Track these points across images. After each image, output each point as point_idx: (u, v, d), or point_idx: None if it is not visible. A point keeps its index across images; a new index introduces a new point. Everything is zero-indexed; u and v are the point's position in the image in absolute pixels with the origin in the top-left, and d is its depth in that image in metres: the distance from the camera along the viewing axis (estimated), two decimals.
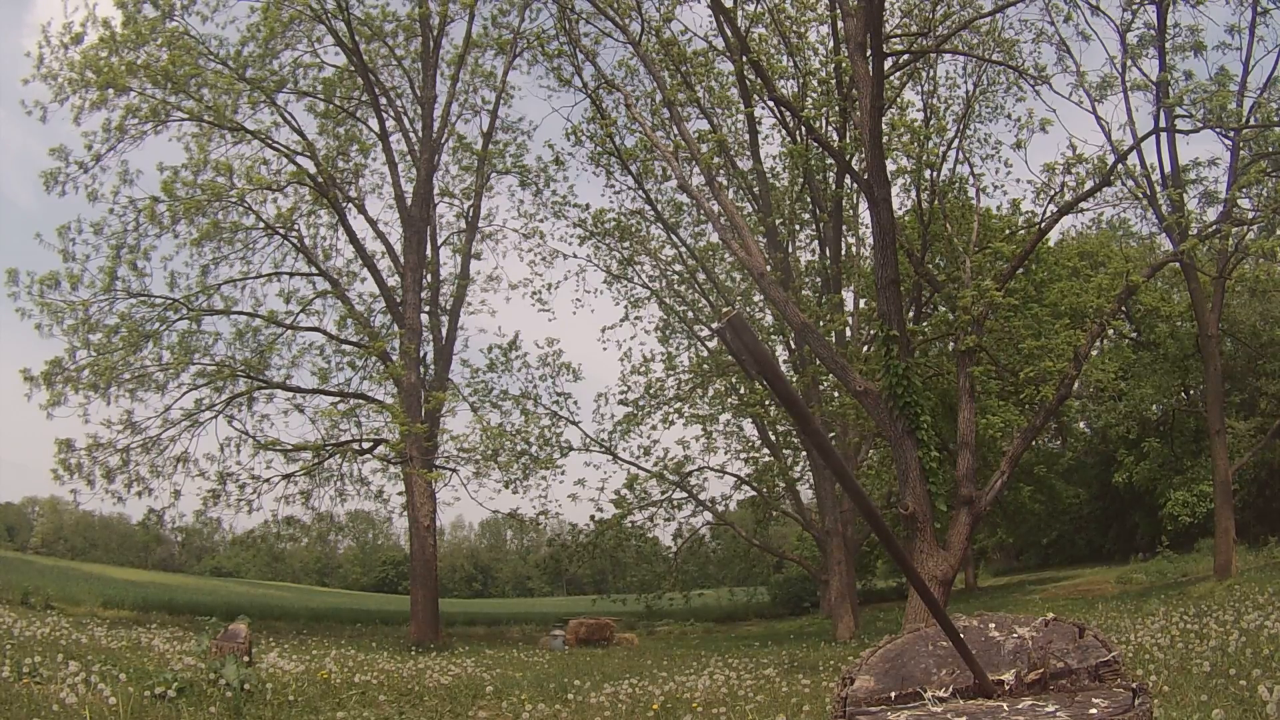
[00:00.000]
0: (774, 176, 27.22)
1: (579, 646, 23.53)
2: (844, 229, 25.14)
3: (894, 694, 2.60)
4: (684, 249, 28.52)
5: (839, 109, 19.70)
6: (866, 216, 22.76)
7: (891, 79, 18.27)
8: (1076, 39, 28.94)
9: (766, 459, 29.28)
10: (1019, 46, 20.19)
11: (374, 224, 26.17)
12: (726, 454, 37.26)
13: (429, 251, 26.27)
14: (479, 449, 25.19)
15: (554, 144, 35.21)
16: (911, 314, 22.50)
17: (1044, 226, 17.50)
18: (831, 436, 24.14)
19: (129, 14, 22.04)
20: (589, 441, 28.28)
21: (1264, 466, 29.01)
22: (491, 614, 39.60)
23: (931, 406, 19.25)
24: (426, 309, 25.89)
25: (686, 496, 28.67)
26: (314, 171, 23.44)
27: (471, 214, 27.58)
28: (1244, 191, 19.93)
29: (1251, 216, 20.33)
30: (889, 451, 18.17)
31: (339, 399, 25.23)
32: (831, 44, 22.10)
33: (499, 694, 10.38)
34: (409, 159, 26.27)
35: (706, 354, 28.48)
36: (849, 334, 23.61)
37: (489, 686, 10.99)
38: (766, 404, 24.87)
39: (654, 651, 20.84)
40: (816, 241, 27.16)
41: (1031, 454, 31.47)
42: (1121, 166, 17.52)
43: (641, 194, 27.35)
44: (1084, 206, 17.89)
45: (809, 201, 25.82)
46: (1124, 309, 26.74)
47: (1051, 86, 19.02)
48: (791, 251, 26.73)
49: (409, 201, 25.39)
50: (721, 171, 23.17)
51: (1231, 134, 19.68)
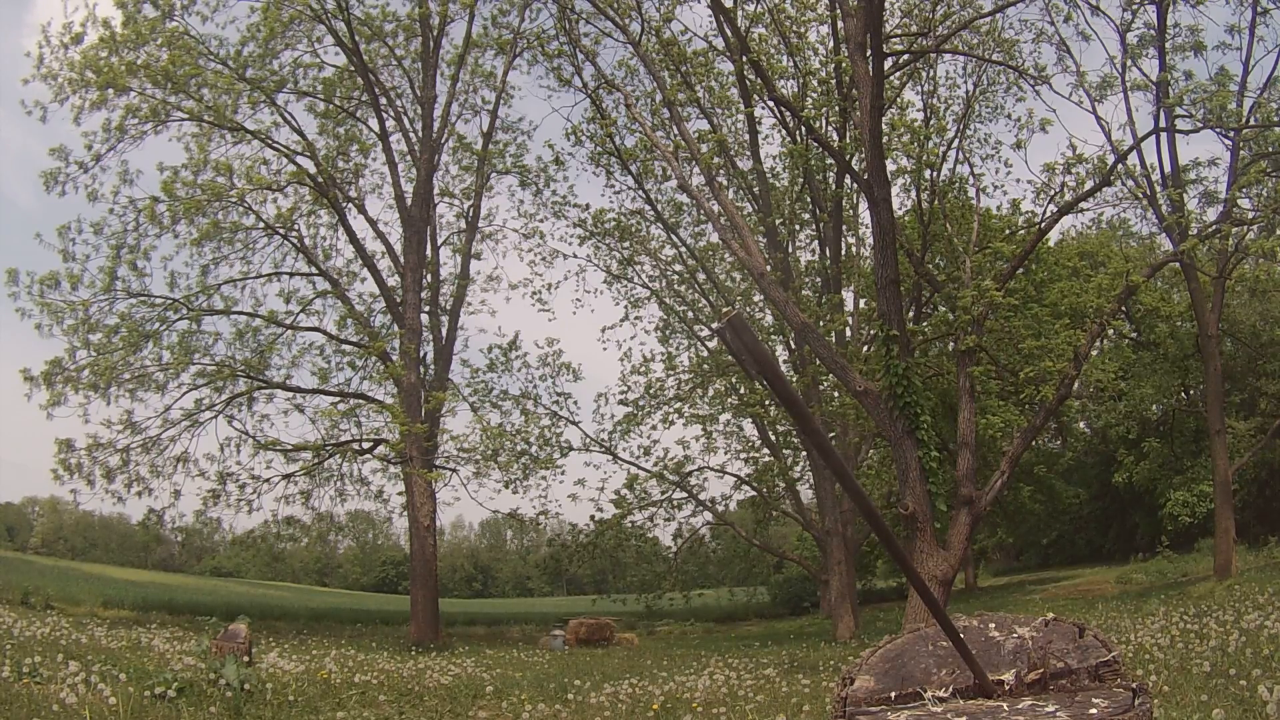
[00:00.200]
0: (774, 176, 27.23)
1: (579, 646, 23.53)
2: (844, 229, 25.15)
3: (894, 694, 2.60)
4: (684, 249, 28.54)
5: (839, 109, 19.71)
6: (866, 216, 22.79)
7: (891, 79, 18.27)
8: (1076, 39, 28.96)
9: (766, 459, 29.28)
10: (1019, 46, 20.21)
11: (374, 224, 26.24)
12: (726, 454, 37.32)
13: (429, 251, 26.29)
14: (479, 449, 25.25)
15: (554, 144, 35.21)
16: (911, 314, 22.50)
17: (1044, 226, 17.50)
18: (831, 436, 24.14)
19: (129, 14, 22.05)
20: (589, 441, 28.32)
21: (1264, 466, 29.01)
22: (491, 614, 39.61)
23: (931, 406, 19.23)
24: (426, 309, 25.89)
25: (686, 496, 28.69)
26: (314, 171, 23.45)
27: (471, 214, 27.63)
28: (1244, 191, 19.93)
29: (1251, 216, 20.32)
30: (889, 451, 18.17)
31: (339, 399, 25.26)
32: (831, 44, 22.11)
33: (499, 694, 10.38)
34: (409, 159, 26.29)
35: (706, 354, 28.49)
36: (849, 334, 23.61)
37: (489, 686, 10.99)
38: (766, 404, 24.88)
39: (654, 651, 20.84)
40: (816, 241, 27.17)
41: (1031, 454, 31.45)
42: (1121, 166, 17.52)
43: (641, 194, 27.38)
44: (1084, 206, 17.91)
45: (809, 201, 25.82)
46: (1124, 309, 26.74)
47: (1051, 86, 19.03)
48: (791, 251, 26.74)
49: (409, 201, 25.39)
50: (721, 171, 23.18)
51: (1231, 134, 19.67)
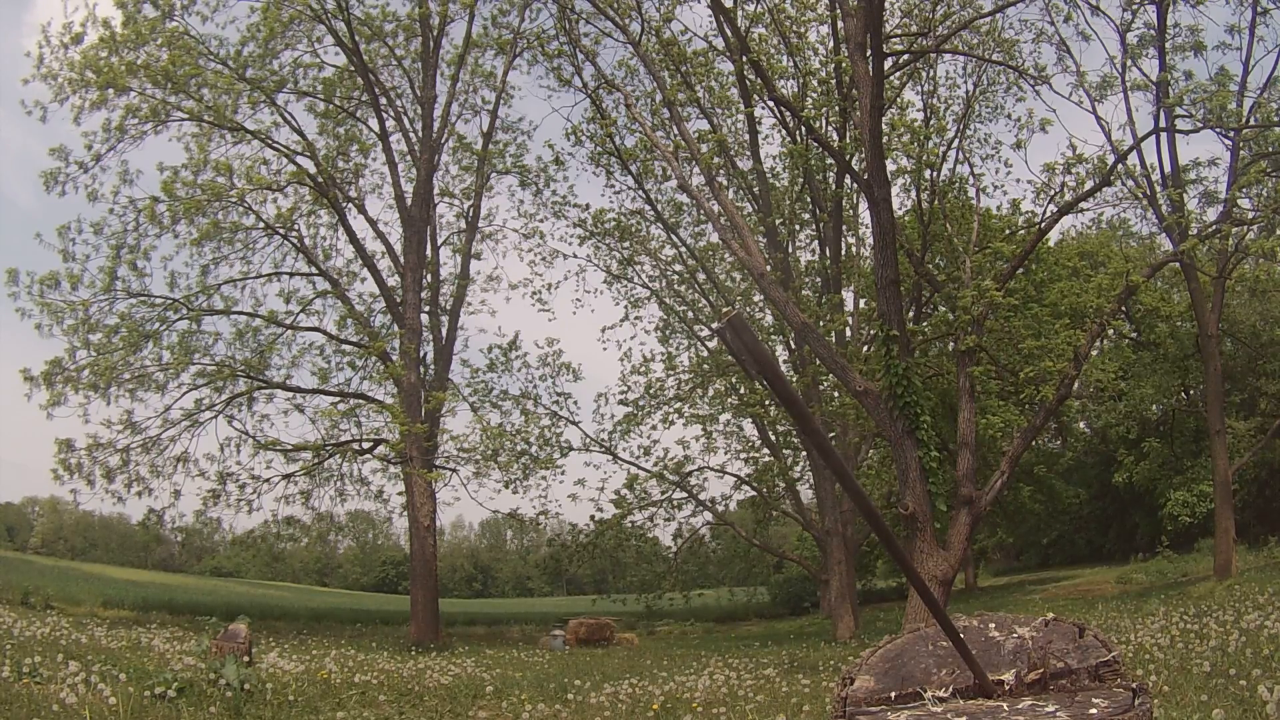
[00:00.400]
0: (774, 176, 27.22)
1: (579, 646, 23.53)
2: (844, 229, 25.14)
3: (894, 694, 2.60)
4: (684, 249, 28.54)
5: (839, 109, 19.70)
6: (866, 216, 22.79)
7: (891, 79, 18.27)
8: (1076, 39, 28.94)
9: (766, 459, 29.27)
10: (1019, 46, 20.21)
11: (374, 224, 26.23)
12: (726, 454, 37.37)
13: (429, 251, 26.29)
14: (479, 449, 25.25)
15: (554, 144, 35.21)
16: (911, 314, 22.50)
17: (1044, 226, 17.50)
18: (831, 436, 24.14)
19: (129, 14, 22.05)
20: (589, 441, 28.32)
21: (1264, 466, 29.00)
22: (491, 614, 39.62)
23: (931, 406, 19.23)
24: (426, 309, 25.89)
25: (686, 496, 28.68)
26: (314, 171, 23.45)
27: (471, 214, 27.62)
28: (1244, 191, 19.93)
29: (1251, 216, 20.31)
30: (889, 451, 18.17)
31: (339, 399, 25.27)
32: (831, 44, 22.10)
33: (499, 694, 10.38)
34: (409, 159, 26.29)
35: (706, 354, 28.48)
36: (849, 334, 23.60)
37: (489, 686, 10.99)
38: (766, 404, 24.87)
39: (654, 651, 20.84)
40: (816, 241, 27.17)
41: (1031, 454, 31.45)
42: (1121, 166, 17.51)
43: (641, 194, 27.37)
44: (1084, 206, 17.90)
45: (809, 201, 25.82)
46: (1124, 309, 26.73)
47: (1051, 86, 19.02)
48: (791, 251, 26.74)
49: (409, 201, 25.39)
50: (721, 171, 23.17)
51: (1231, 134, 19.67)
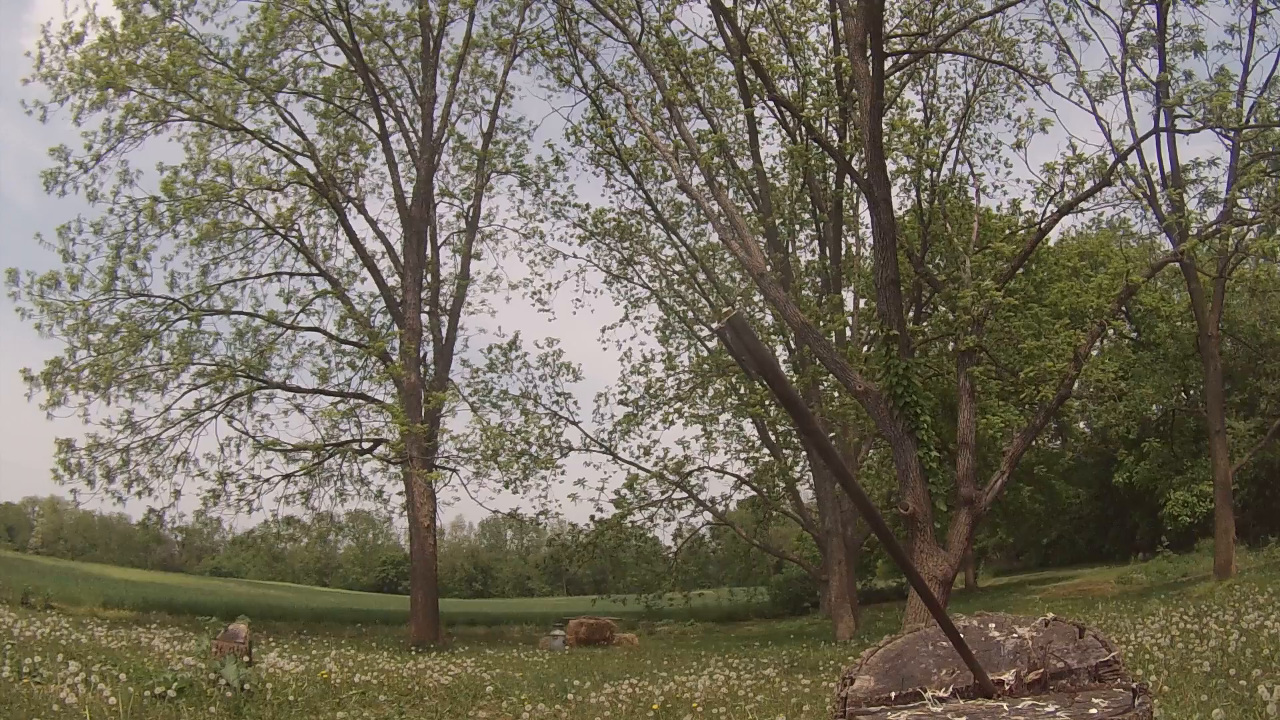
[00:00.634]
0: (774, 176, 27.21)
1: (579, 646, 23.53)
2: (844, 229, 25.15)
3: (894, 694, 2.60)
4: (684, 249, 28.52)
5: (839, 109, 19.70)
6: (866, 216, 22.76)
7: (891, 79, 18.27)
8: (1076, 39, 28.75)
9: (766, 459, 29.26)
10: (1019, 46, 20.15)
11: (374, 224, 26.24)
12: (726, 454, 37.23)
13: (429, 251, 26.29)
14: (479, 449, 25.24)
15: (554, 144, 35.12)
16: (911, 314, 22.48)
17: (1044, 226, 17.50)
18: (831, 436, 24.13)
19: (129, 14, 22.04)
20: (589, 441, 28.27)
21: (1264, 466, 29.00)
22: (491, 614, 39.60)
23: (931, 406, 19.24)
24: (426, 309, 25.89)
25: (686, 496, 28.66)
26: (314, 171, 23.46)
27: (471, 214, 27.61)
28: (1244, 191, 19.93)
29: (1251, 216, 20.30)
30: (889, 451, 18.17)
31: (339, 399, 25.27)
32: (831, 44, 22.10)
33: (499, 694, 10.38)
34: (409, 159, 26.29)
35: (706, 354, 28.48)
36: (849, 334, 23.60)
37: (489, 686, 10.99)
38: (766, 404, 24.86)
39: (654, 651, 20.84)
40: (816, 241, 27.17)
41: (1031, 454, 31.41)
42: (1121, 166, 17.50)
43: (641, 194, 27.36)
44: (1084, 206, 17.89)
45: (809, 201, 25.82)
46: (1124, 309, 26.69)
47: (1051, 86, 18.98)
48: (791, 251, 26.73)
49: (409, 201, 25.39)
50: (721, 171, 23.16)
51: (1231, 134, 19.65)
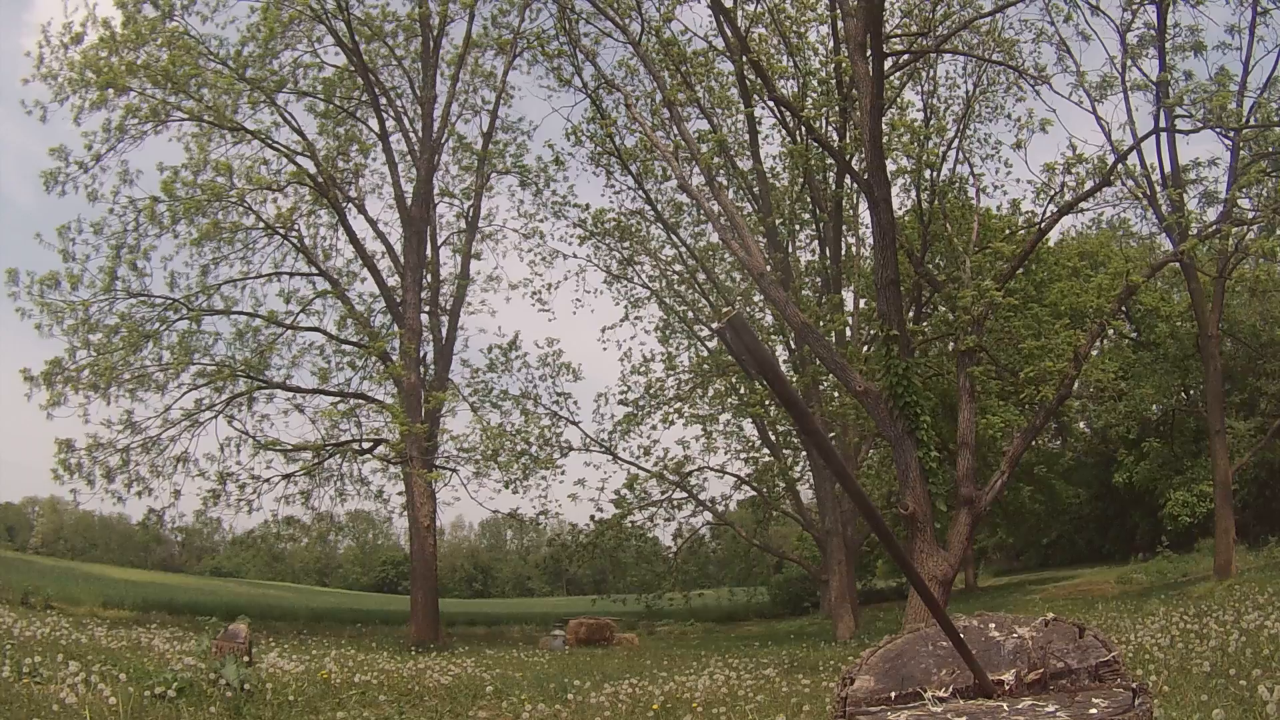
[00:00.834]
0: (774, 176, 27.20)
1: (579, 646, 23.53)
2: (844, 229, 25.14)
3: (894, 694, 2.60)
4: (684, 249, 28.52)
5: (839, 109, 19.70)
6: (866, 216, 22.76)
7: (891, 79, 18.27)
8: (1076, 39, 28.76)
9: (766, 459, 29.26)
10: (1019, 46, 20.16)
11: (374, 224, 26.23)
12: (726, 454, 37.20)
13: (429, 251, 26.28)
14: (479, 449, 25.24)
15: (554, 144, 35.10)
16: (911, 314, 22.49)
17: (1044, 226, 17.51)
18: (831, 436, 24.13)
19: (129, 14, 22.04)
20: (589, 441, 28.26)
21: (1264, 466, 29.00)
22: (491, 614, 39.61)
23: (931, 406, 19.23)
24: (426, 309, 25.88)
25: (686, 496, 28.65)
26: (314, 171, 23.45)
27: (471, 214, 27.60)
28: (1244, 191, 19.93)
29: (1251, 216, 20.30)
30: (889, 451, 18.16)
31: (339, 399, 25.26)
32: (831, 44, 22.09)
33: (499, 694, 10.38)
34: (409, 159, 26.28)
35: (706, 354, 28.47)
36: (849, 334, 23.60)
37: (489, 686, 10.99)
38: (766, 404, 24.86)
39: (654, 651, 20.84)
40: (816, 241, 27.17)
41: (1031, 454, 31.42)
42: (1121, 166, 17.51)
43: (641, 194, 27.35)
44: (1084, 206, 17.90)
45: (809, 201, 25.81)
46: (1124, 309, 26.71)
47: (1051, 86, 18.99)
48: (791, 251, 26.73)
49: (409, 201, 25.39)
50: (721, 171, 23.16)
51: (1231, 134, 19.65)
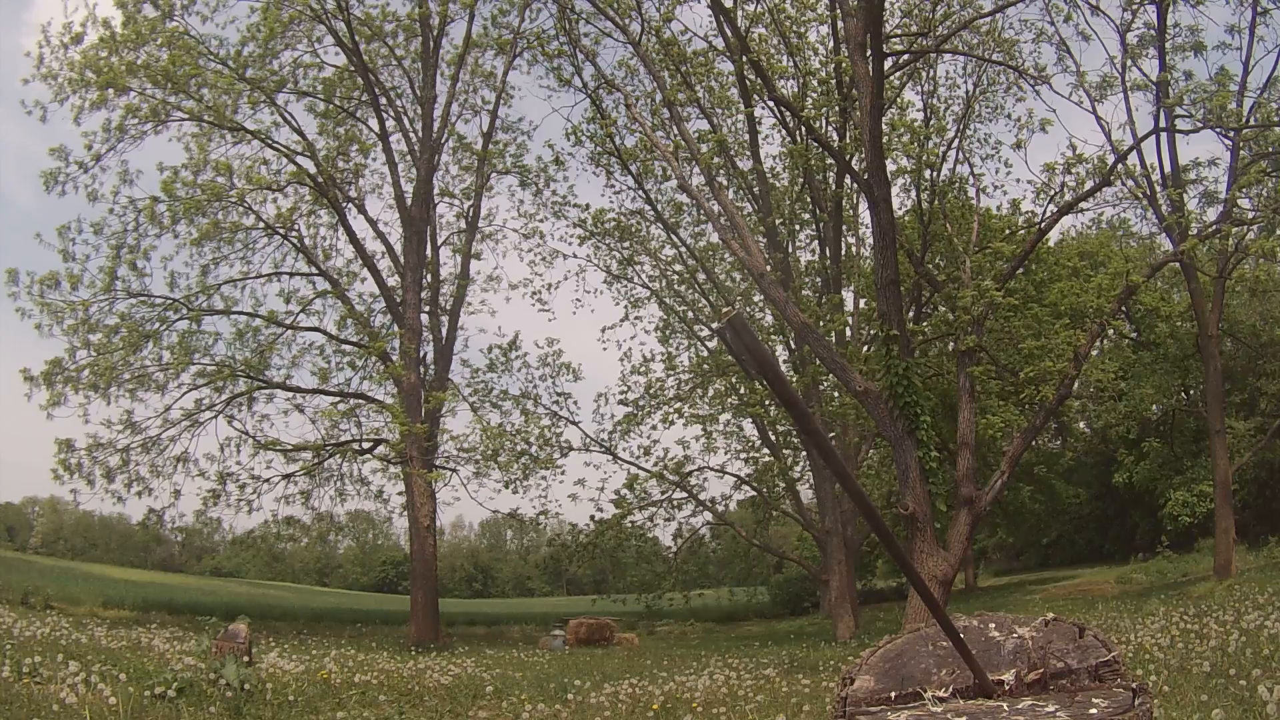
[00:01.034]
0: (774, 176, 27.20)
1: (579, 646, 23.53)
2: (844, 229, 25.14)
3: (894, 694, 2.60)
4: (684, 249, 28.52)
5: (839, 109, 19.69)
6: (866, 216, 22.77)
7: (891, 79, 18.27)
8: (1076, 39, 28.81)
9: (766, 459, 29.25)
10: (1019, 46, 20.18)
11: (374, 224, 26.23)
12: (726, 454, 37.20)
13: (429, 251, 26.29)
14: (479, 449, 25.24)
15: (554, 144, 35.16)
16: (911, 314, 22.50)
17: (1044, 226, 17.51)
18: (831, 436, 24.13)
19: (129, 14, 22.04)
20: (589, 441, 28.26)
21: (1264, 466, 29.01)
22: (491, 614, 39.61)
23: (931, 406, 19.22)
24: (426, 309, 25.89)
25: (686, 496, 28.64)
26: (314, 171, 23.45)
27: (471, 214, 27.61)
28: (1244, 191, 19.93)
29: (1251, 216, 20.33)
30: (889, 451, 18.17)
31: (339, 399, 25.28)
32: (831, 44, 22.09)
33: (499, 694, 10.39)
34: (409, 159, 26.28)
35: (706, 354, 28.47)
36: (849, 334, 23.60)
37: (489, 686, 10.99)
38: (766, 404, 24.86)
39: (654, 651, 20.83)
40: (816, 241, 27.16)
41: (1031, 454, 31.43)
42: (1121, 166, 17.50)
43: (641, 194, 27.35)
44: (1084, 206, 17.92)
45: (809, 201, 25.81)
46: (1124, 309, 26.70)
47: (1051, 86, 19.02)
48: (791, 251, 26.73)
49: (409, 201, 25.39)
50: (721, 171, 23.15)
51: (1231, 134, 19.67)
